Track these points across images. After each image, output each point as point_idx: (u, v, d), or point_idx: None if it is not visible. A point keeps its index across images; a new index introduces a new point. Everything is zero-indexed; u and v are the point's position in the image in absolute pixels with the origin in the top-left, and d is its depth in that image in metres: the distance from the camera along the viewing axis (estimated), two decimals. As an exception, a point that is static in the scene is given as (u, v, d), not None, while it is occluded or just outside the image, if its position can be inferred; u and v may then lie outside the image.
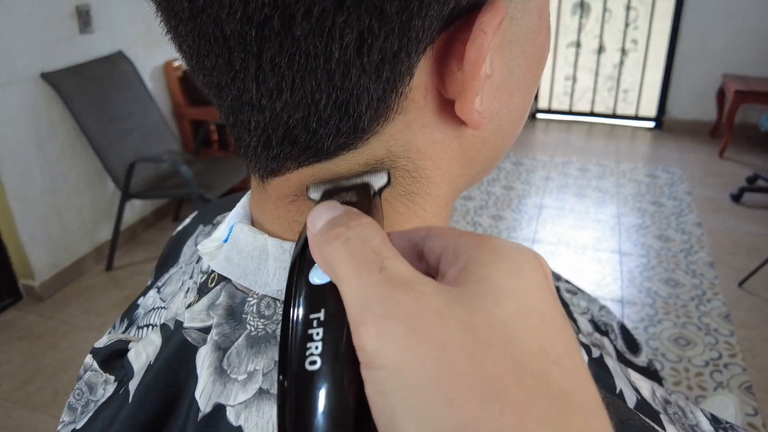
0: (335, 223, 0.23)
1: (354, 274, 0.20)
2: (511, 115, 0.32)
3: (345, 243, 0.21)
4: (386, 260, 0.21)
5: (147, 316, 0.41)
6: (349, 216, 0.23)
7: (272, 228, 0.32)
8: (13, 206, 2.43)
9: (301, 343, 0.21)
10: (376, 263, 0.20)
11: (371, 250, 0.21)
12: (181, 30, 0.26)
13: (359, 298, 0.20)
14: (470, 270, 0.21)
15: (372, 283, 0.20)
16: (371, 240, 0.22)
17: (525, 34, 0.30)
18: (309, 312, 0.21)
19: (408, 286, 0.20)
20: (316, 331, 0.21)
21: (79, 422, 0.36)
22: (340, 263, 0.21)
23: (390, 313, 0.19)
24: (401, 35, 0.24)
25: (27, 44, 2.40)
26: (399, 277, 0.20)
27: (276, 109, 0.27)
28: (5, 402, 2.05)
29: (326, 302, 0.21)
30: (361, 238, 0.22)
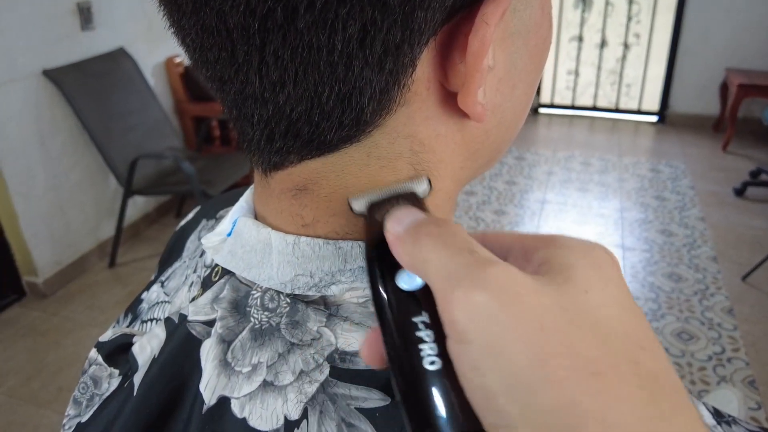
0: (425, 222, 0.24)
1: (444, 257, 0.21)
2: (514, 107, 0.32)
3: (435, 237, 0.22)
4: (475, 246, 0.22)
5: (151, 311, 0.41)
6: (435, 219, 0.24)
7: (276, 221, 0.32)
8: (16, 203, 2.43)
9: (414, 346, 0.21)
10: (466, 247, 0.21)
11: (461, 239, 0.22)
12: (184, 23, 0.26)
13: (450, 273, 0.20)
14: (551, 264, 0.22)
15: (462, 261, 0.20)
16: (461, 234, 0.22)
17: (527, 25, 0.30)
18: (411, 316, 0.22)
19: (499, 264, 0.20)
20: (426, 333, 0.21)
21: (84, 416, 0.37)
22: (430, 251, 0.22)
23: (483, 285, 0.19)
24: (404, 27, 0.24)
25: (28, 41, 2.40)
26: (490, 258, 0.21)
27: (279, 102, 0.27)
28: (10, 398, 2.06)
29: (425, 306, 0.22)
30: (451, 232, 0.22)
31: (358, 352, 0.29)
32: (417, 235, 0.23)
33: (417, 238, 0.23)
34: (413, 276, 0.23)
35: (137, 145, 2.76)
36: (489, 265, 0.20)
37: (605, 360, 0.18)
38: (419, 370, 0.21)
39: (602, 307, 0.20)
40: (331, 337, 0.29)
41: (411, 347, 0.21)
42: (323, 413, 0.28)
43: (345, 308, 0.30)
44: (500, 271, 0.20)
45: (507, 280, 0.19)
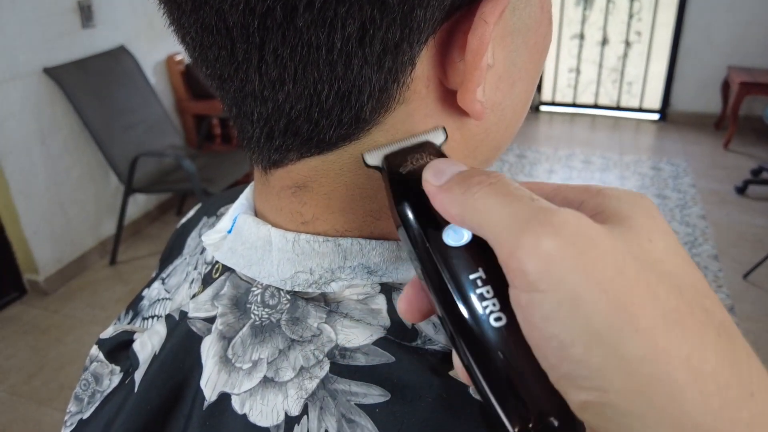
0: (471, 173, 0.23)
1: (504, 205, 0.20)
2: (514, 105, 0.32)
3: (489, 186, 0.21)
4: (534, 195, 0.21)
5: (152, 308, 0.42)
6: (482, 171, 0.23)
7: (275, 219, 0.33)
8: (17, 201, 2.44)
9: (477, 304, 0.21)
10: (526, 195, 0.20)
11: (517, 187, 0.21)
12: (184, 22, 0.27)
13: (513, 221, 0.19)
14: (607, 214, 0.21)
15: (526, 208, 0.20)
16: (514, 182, 0.22)
17: (527, 24, 0.30)
18: (468, 273, 0.21)
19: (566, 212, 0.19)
20: (485, 289, 0.21)
21: (86, 412, 0.37)
22: (486, 202, 0.21)
23: (554, 231, 0.18)
24: (403, 25, 0.24)
25: (29, 39, 2.40)
26: (552, 206, 0.20)
27: (278, 100, 0.27)
28: (12, 396, 2.07)
29: (480, 260, 0.21)
30: (505, 181, 0.21)
31: (360, 348, 0.29)
32: (468, 185, 0.22)
33: (468, 187, 0.22)
34: (458, 230, 0.22)
35: (138, 143, 2.76)
36: (556, 211, 0.19)
37: (683, 308, 0.18)
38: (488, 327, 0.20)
39: (667, 256, 0.20)
40: (331, 333, 0.29)
41: (473, 306, 0.21)
42: (323, 409, 0.28)
43: (345, 305, 0.30)
44: (570, 216, 0.19)
45: (579, 225, 0.19)
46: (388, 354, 0.28)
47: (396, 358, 0.28)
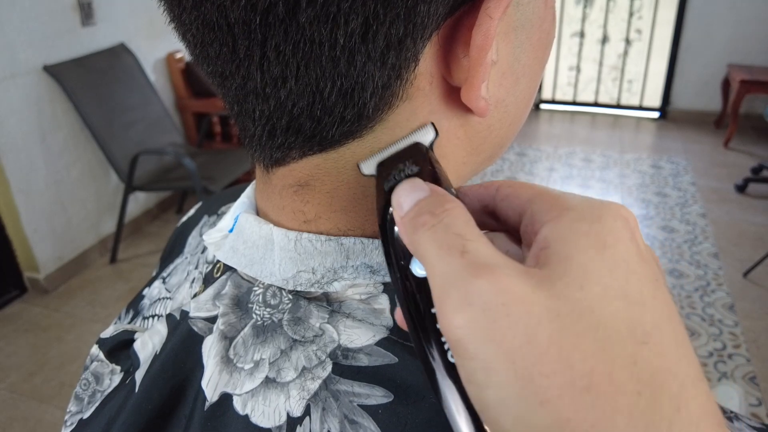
0: (421, 209, 0.23)
1: (437, 258, 0.20)
2: (517, 102, 0.32)
3: (431, 230, 0.21)
4: (469, 243, 0.21)
5: (152, 307, 0.41)
6: (436, 201, 0.23)
7: (277, 218, 0.32)
8: (18, 199, 2.44)
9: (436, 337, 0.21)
10: (458, 247, 0.20)
11: (454, 234, 0.21)
12: (185, 18, 0.26)
13: (441, 284, 0.20)
14: (552, 249, 0.21)
15: (453, 268, 0.20)
16: (455, 225, 0.21)
17: (531, 19, 0.29)
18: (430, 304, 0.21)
19: (489, 271, 0.19)
20: None
21: (86, 412, 0.37)
22: (426, 250, 0.21)
23: (469, 302, 0.19)
24: (407, 21, 0.24)
25: (29, 37, 2.40)
26: (480, 260, 0.20)
27: (281, 97, 0.27)
28: (13, 394, 2.07)
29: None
30: (446, 224, 0.21)
31: (362, 349, 0.29)
32: (414, 225, 0.22)
33: (415, 228, 0.22)
34: None
35: (138, 141, 2.76)
36: (478, 274, 0.19)
37: (600, 370, 0.18)
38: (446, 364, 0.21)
39: (600, 302, 0.19)
40: (333, 333, 0.29)
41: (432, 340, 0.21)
42: (326, 410, 0.28)
43: (347, 305, 0.30)
44: (485, 283, 0.19)
45: (494, 291, 0.19)
46: (391, 354, 0.28)
47: (399, 359, 0.28)
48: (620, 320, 0.19)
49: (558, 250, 0.20)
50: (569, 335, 0.18)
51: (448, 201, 0.23)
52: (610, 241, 0.20)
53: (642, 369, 0.18)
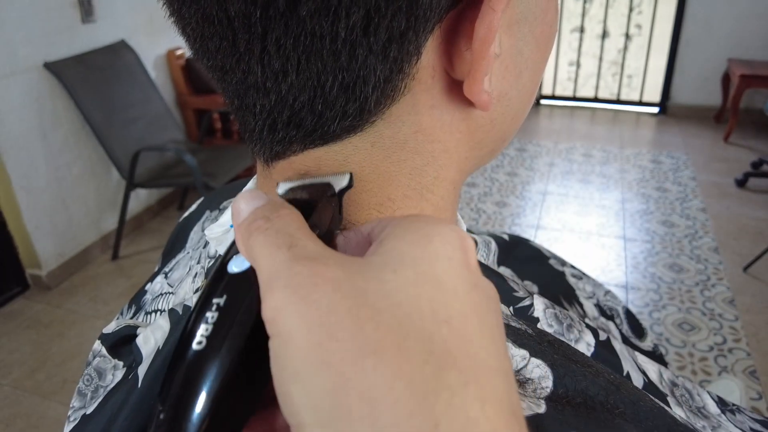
0: (257, 215, 0.23)
1: (266, 256, 0.21)
2: (520, 95, 0.32)
3: (264, 232, 0.21)
4: (297, 240, 0.21)
5: (155, 302, 0.41)
6: (271, 207, 0.23)
7: None
8: (19, 196, 2.44)
9: (193, 324, 0.21)
10: (286, 244, 0.21)
11: (285, 234, 0.21)
12: (185, 12, 0.26)
13: (266, 277, 0.20)
14: (382, 243, 0.21)
15: (279, 260, 0.20)
16: (287, 227, 0.22)
17: (534, 12, 0.29)
18: (211, 296, 0.22)
19: (310, 259, 0.20)
20: (212, 315, 0.21)
21: (89, 407, 0.37)
22: (257, 250, 0.21)
23: (287, 284, 0.19)
24: (409, 14, 0.24)
25: (29, 34, 2.40)
26: (305, 252, 0.20)
27: (281, 91, 0.26)
28: (15, 390, 2.07)
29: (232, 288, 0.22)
30: (277, 227, 0.22)
31: None
32: (248, 229, 0.22)
33: (248, 233, 0.22)
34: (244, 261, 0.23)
35: (139, 137, 2.76)
36: (298, 262, 0.20)
37: (391, 339, 0.18)
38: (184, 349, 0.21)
39: (409, 285, 0.19)
40: None
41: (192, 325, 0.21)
42: None
43: None
44: (303, 267, 0.19)
45: (308, 273, 0.19)
46: None
47: None
48: (425, 301, 0.19)
49: (385, 243, 0.21)
50: (368, 309, 0.18)
51: (283, 207, 0.23)
52: (437, 240, 0.21)
53: (436, 344, 0.18)
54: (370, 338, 0.18)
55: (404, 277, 0.20)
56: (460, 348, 0.19)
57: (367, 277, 0.19)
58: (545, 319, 0.39)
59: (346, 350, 0.17)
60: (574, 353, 0.34)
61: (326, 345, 0.18)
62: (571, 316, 0.41)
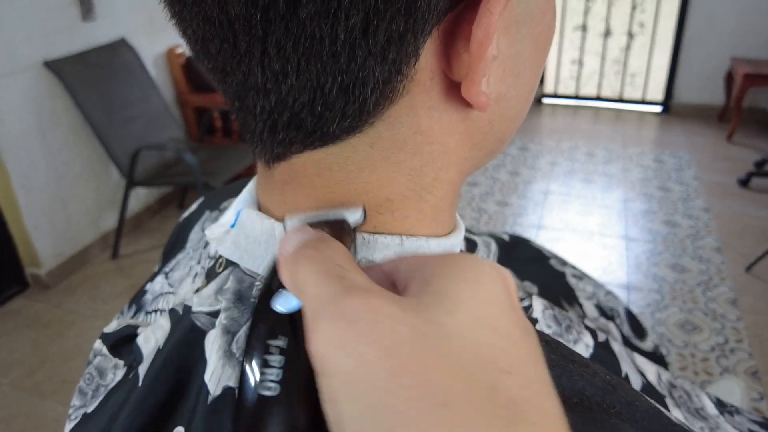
0: (306, 245, 0.23)
1: (314, 284, 0.21)
2: (518, 96, 0.32)
3: (312, 260, 0.22)
4: (347, 272, 0.21)
5: (155, 302, 0.42)
6: (320, 239, 0.23)
7: (279, 213, 0.32)
8: (19, 195, 2.44)
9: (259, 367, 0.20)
10: (337, 273, 0.21)
11: (334, 264, 0.21)
12: (185, 14, 0.26)
13: (315, 306, 0.20)
14: (429, 283, 0.21)
15: (328, 290, 0.20)
16: (336, 258, 0.22)
17: (532, 14, 0.29)
18: (267, 338, 0.21)
19: (363, 291, 0.20)
20: (276, 358, 0.21)
21: (90, 406, 0.37)
22: (304, 277, 0.21)
23: (339, 317, 0.19)
24: (407, 16, 0.24)
25: (29, 33, 2.40)
26: (356, 285, 0.20)
27: (281, 93, 0.27)
28: (14, 389, 2.07)
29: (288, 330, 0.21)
30: (327, 256, 0.22)
31: None
32: (296, 257, 0.22)
33: (296, 260, 0.22)
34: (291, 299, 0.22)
35: (139, 136, 2.76)
36: (350, 294, 0.19)
37: (459, 388, 0.17)
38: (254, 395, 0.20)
39: (468, 329, 0.19)
40: None
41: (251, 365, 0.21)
42: None
43: None
44: (358, 300, 0.19)
45: (365, 308, 0.19)
46: None
47: None
48: (485, 347, 0.19)
49: (433, 283, 0.21)
50: (432, 354, 0.18)
51: (332, 241, 0.23)
52: (486, 280, 0.21)
53: (502, 395, 0.18)
54: (438, 387, 0.17)
55: (461, 321, 0.19)
56: (525, 399, 0.18)
57: (423, 318, 0.19)
58: (544, 320, 0.40)
59: (415, 398, 0.17)
60: (571, 353, 0.35)
61: (392, 391, 0.17)
62: (570, 317, 0.42)
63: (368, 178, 0.30)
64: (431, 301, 0.20)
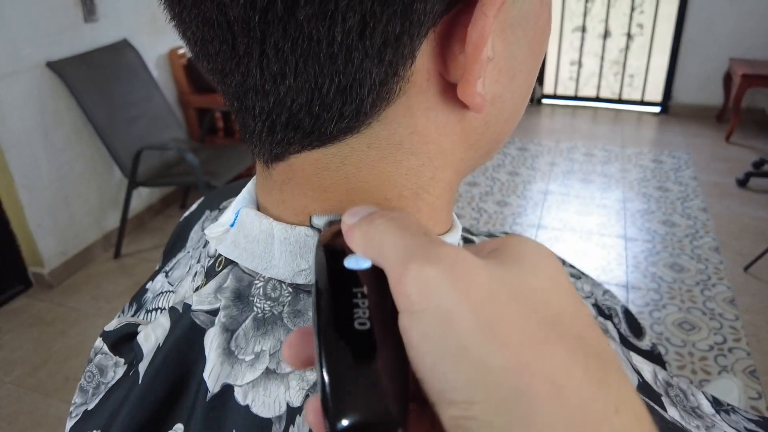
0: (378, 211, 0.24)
1: (399, 237, 0.22)
2: (514, 97, 0.32)
3: (390, 220, 0.23)
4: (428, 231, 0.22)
5: (155, 300, 0.42)
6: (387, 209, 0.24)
7: (278, 212, 0.33)
8: (22, 195, 2.45)
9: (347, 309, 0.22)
10: (420, 230, 0.22)
11: (413, 223, 0.23)
12: (185, 16, 0.27)
13: (404, 250, 0.21)
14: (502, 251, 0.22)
15: (416, 241, 0.21)
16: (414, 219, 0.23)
17: (526, 17, 0.30)
18: (351, 287, 0.22)
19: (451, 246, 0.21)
20: (362, 301, 0.22)
21: (91, 403, 0.37)
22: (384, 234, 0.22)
23: (435, 260, 0.20)
24: (403, 18, 0.24)
25: (32, 33, 2.41)
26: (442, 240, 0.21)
27: (280, 93, 0.27)
28: (18, 387, 2.08)
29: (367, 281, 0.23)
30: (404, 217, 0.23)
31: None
32: (372, 219, 0.23)
33: (372, 221, 0.23)
34: (359, 260, 0.23)
35: (141, 136, 2.77)
36: (442, 245, 0.21)
37: (552, 333, 0.19)
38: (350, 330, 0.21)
39: (550, 290, 0.21)
40: None
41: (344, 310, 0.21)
42: None
43: None
44: (452, 249, 0.20)
45: (458, 257, 0.20)
46: None
47: None
48: (568, 305, 0.21)
49: (509, 250, 0.22)
50: (526, 303, 0.19)
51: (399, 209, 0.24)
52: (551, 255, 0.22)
53: (588, 344, 0.20)
54: (537, 328, 0.19)
55: (544, 282, 0.21)
56: (605, 350, 0.20)
57: (512, 275, 0.20)
58: None
59: (519, 334, 0.18)
60: None
61: (498, 327, 0.18)
62: None
63: (366, 178, 0.30)
64: (513, 265, 0.21)
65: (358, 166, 0.30)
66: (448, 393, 0.18)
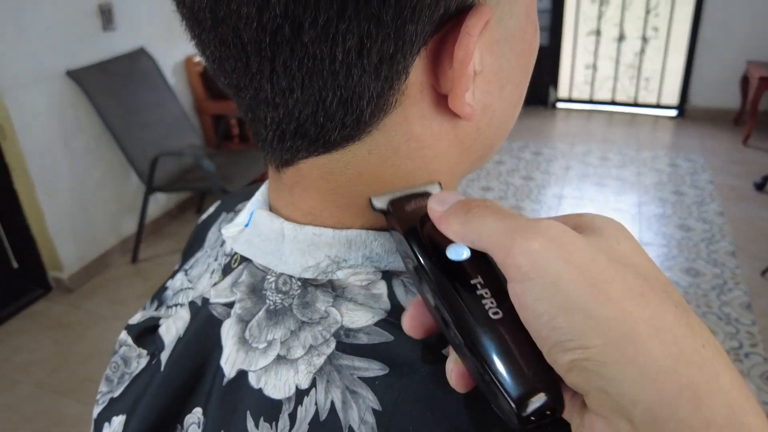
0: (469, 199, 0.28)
1: (499, 220, 0.25)
2: (503, 106, 0.35)
3: (485, 207, 0.26)
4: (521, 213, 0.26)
5: (175, 297, 0.44)
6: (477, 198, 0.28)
7: (288, 213, 0.35)
8: (42, 201, 2.50)
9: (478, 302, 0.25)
10: (513, 213, 0.26)
11: (506, 208, 0.27)
12: (204, 38, 0.30)
13: (507, 230, 0.25)
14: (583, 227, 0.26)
15: (515, 221, 0.25)
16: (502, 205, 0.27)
17: (513, 33, 0.32)
18: (469, 279, 0.26)
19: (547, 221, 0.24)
20: (484, 291, 0.26)
21: (116, 391, 0.40)
22: (483, 220, 0.26)
23: (538, 233, 0.24)
24: (397, 39, 0.27)
25: (52, 43, 2.46)
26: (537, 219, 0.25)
27: (288, 106, 0.30)
28: (37, 388, 2.13)
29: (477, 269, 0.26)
30: (496, 204, 0.27)
31: (362, 329, 0.32)
32: (467, 207, 0.27)
33: (468, 209, 0.27)
34: (459, 249, 0.27)
35: (158, 143, 2.81)
36: (541, 221, 0.24)
37: (646, 287, 0.23)
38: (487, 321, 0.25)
39: (633, 254, 0.25)
40: (337, 315, 0.32)
41: (476, 304, 0.25)
42: (330, 382, 0.31)
43: (350, 290, 0.33)
44: (550, 223, 0.24)
45: (556, 230, 0.24)
46: (387, 334, 0.31)
47: (394, 337, 0.31)
48: (649, 266, 0.25)
49: (590, 225, 0.26)
50: (619, 264, 0.24)
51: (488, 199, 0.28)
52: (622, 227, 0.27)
53: (672, 296, 0.24)
54: (632, 284, 0.23)
55: (627, 249, 0.25)
56: (683, 301, 0.24)
57: (600, 242, 0.25)
58: None
59: (620, 290, 0.23)
60: None
61: (602, 285, 0.22)
62: None
63: (368, 181, 0.32)
64: (599, 236, 0.25)
65: (359, 170, 0.32)
66: (565, 343, 0.22)
